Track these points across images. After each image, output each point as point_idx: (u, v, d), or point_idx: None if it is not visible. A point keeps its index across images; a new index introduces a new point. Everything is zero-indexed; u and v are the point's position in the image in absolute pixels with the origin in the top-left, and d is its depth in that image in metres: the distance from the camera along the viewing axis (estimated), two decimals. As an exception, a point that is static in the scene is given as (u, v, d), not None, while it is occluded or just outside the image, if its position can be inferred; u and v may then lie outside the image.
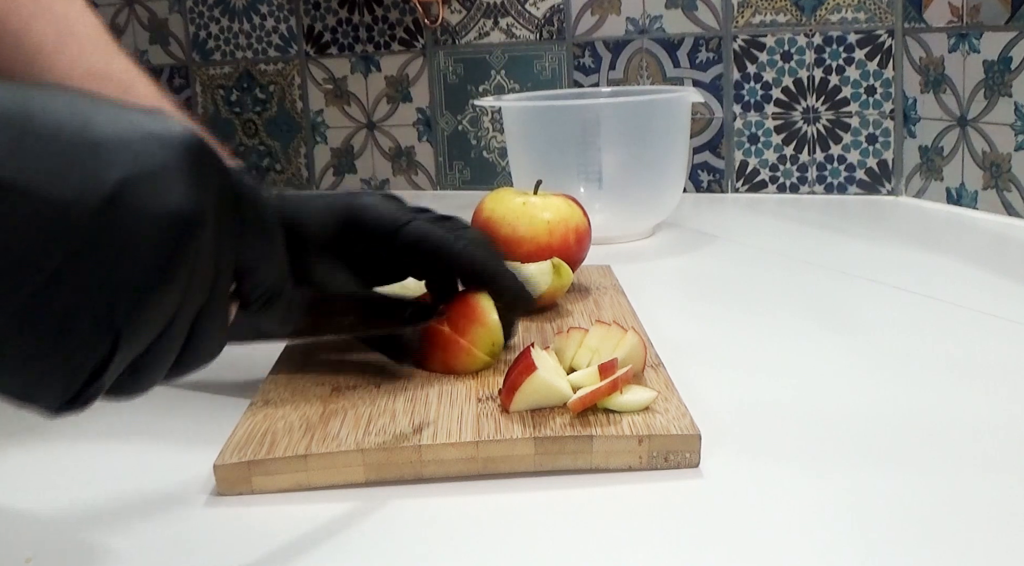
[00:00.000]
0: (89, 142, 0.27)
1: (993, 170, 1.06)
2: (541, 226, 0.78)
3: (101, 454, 0.56)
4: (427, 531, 0.45)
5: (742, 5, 1.23)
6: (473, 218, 0.82)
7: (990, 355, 0.65)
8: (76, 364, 0.29)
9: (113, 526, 0.47)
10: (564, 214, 0.79)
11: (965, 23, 1.08)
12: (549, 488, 0.49)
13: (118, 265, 0.28)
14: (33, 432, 0.59)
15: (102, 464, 0.54)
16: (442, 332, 0.60)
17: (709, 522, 0.45)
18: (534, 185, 0.83)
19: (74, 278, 0.27)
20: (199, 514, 0.48)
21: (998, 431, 0.53)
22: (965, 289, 0.80)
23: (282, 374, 0.61)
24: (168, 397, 0.64)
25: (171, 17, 1.53)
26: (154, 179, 0.28)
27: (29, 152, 0.26)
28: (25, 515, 0.49)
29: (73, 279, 0.27)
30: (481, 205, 0.82)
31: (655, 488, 0.48)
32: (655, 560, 0.42)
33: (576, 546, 0.43)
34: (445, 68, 1.39)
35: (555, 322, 0.70)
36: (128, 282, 0.29)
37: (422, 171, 1.44)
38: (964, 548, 0.42)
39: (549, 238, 0.78)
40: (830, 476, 0.49)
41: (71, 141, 0.27)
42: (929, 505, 0.45)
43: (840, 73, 1.21)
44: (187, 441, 0.56)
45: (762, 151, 1.26)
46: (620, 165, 1.01)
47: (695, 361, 0.65)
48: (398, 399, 0.56)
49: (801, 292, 0.82)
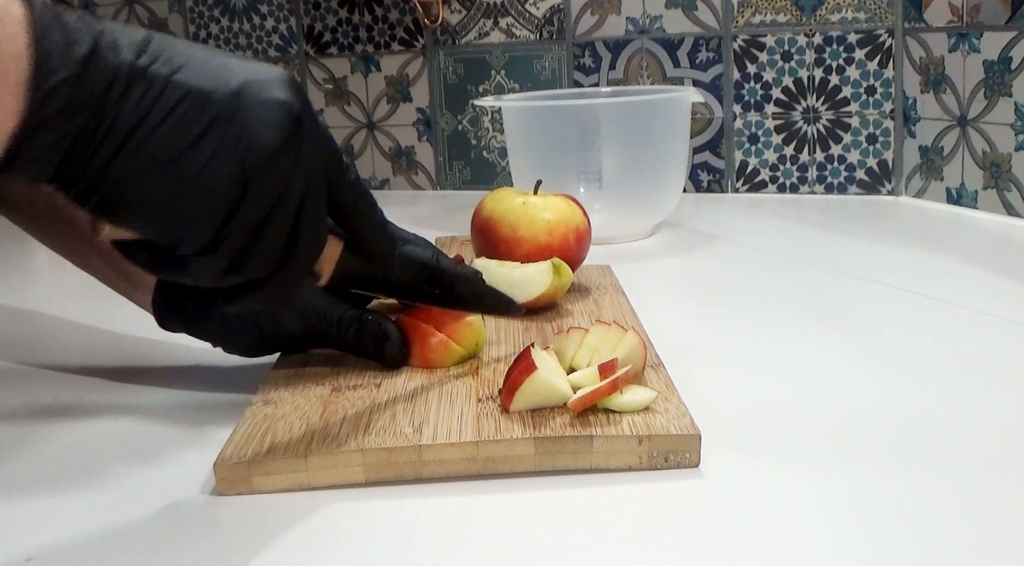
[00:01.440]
0: (223, 64, 0.41)
1: (993, 170, 1.06)
2: (541, 226, 0.78)
3: (101, 454, 0.56)
4: (427, 531, 0.45)
5: (742, 5, 1.23)
6: (473, 218, 0.82)
7: (990, 355, 0.65)
8: (215, 204, 0.40)
9: (113, 526, 0.47)
10: (564, 214, 0.79)
11: (965, 23, 1.07)
12: (549, 488, 0.49)
13: (243, 132, 0.40)
14: (33, 432, 0.59)
15: (102, 464, 0.54)
16: (419, 326, 0.60)
17: (709, 522, 0.45)
18: (534, 185, 0.83)
19: (214, 139, 0.39)
20: (199, 514, 0.48)
21: (998, 431, 0.53)
22: (965, 289, 0.80)
23: (282, 374, 0.61)
24: (168, 397, 0.64)
25: (171, 17, 1.53)
26: (265, 83, 0.41)
27: (189, 70, 0.40)
28: (25, 515, 0.49)
29: (213, 140, 0.39)
30: (481, 205, 0.82)
31: (655, 488, 0.48)
32: (655, 560, 0.42)
33: (576, 546, 0.43)
34: (445, 68, 1.39)
35: (555, 322, 0.70)
36: (251, 144, 0.40)
37: (422, 171, 1.44)
38: (964, 548, 0.42)
39: (549, 238, 0.78)
40: (830, 476, 0.49)
41: (212, 63, 0.40)
42: (929, 504, 0.45)
43: (840, 73, 1.21)
44: (187, 441, 0.56)
45: (762, 151, 1.26)
46: (620, 165, 1.01)
47: (695, 361, 0.65)
48: (398, 399, 0.56)
49: (801, 292, 0.82)
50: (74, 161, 0.39)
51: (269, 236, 0.42)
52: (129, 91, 0.38)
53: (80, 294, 0.88)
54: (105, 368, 0.71)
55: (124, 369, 0.70)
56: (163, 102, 0.39)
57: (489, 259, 0.75)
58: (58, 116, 0.37)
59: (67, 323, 0.84)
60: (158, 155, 0.39)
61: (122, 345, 0.76)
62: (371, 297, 0.64)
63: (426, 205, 1.33)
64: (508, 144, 1.08)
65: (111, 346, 0.76)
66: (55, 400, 0.65)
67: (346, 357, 0.63)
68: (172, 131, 0.39)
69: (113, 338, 0.78)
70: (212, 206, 0.40)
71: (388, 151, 1.45)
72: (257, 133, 0.40)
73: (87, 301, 0.86)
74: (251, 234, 0.42)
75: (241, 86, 0.40)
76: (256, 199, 0.41)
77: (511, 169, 1.09)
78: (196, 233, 0.41)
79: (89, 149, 0.38)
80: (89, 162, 0.39)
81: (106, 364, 0.72)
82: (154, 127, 0.39)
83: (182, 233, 0.41)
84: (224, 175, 0.40)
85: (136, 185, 0.39)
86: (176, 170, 0.39)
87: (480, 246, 0.81)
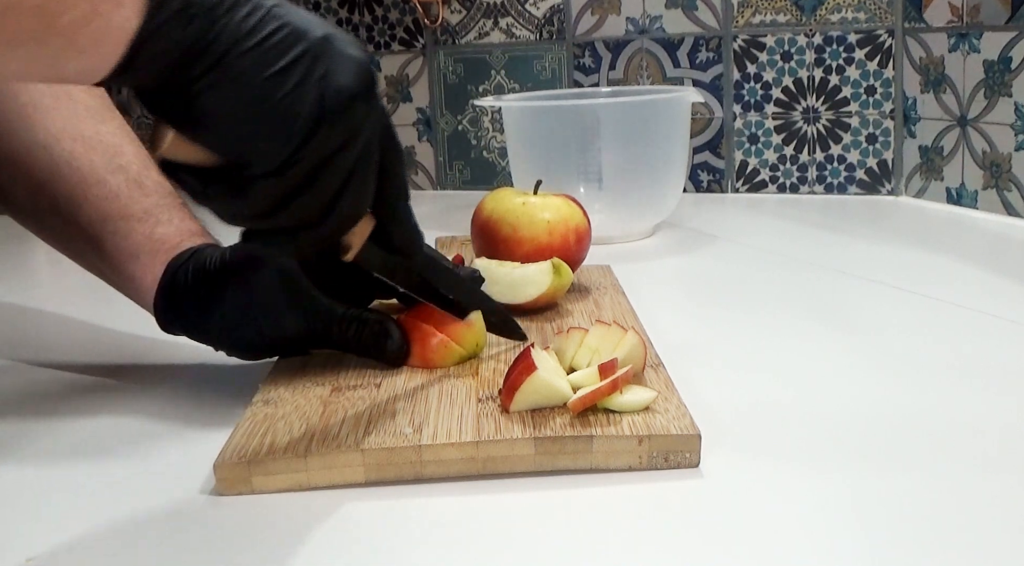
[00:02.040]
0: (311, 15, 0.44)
1: (993, 170, 1.06)
2: (541, 226, 0.78)
3: (101, 454, 0.56)
4: (428, 531, 0.45)
5: (742, 5, 1.23)
6: (473, 218, 0.82)
7: (990, 355, 0.65)
8: (293, 129, 0.42)
9: (113, 526, 0.47)
10: (564, 214, 0.79)
11: (965, 23, 1.08)
12: (549, 488, 0.49)
13: (328, 72, 0.43)
14: (33, 431, 0.59)
15: (102, 464, 0.54)
16: (420, 326, 0.61)
17: (709, 522, 0.45)
18: (534, 185, 0.83)
19: (300, 70, 0.42)
20: (199, 514, 0.48)
21: (998, 431, 0.53)
22: (965, 289, 0.80)
23: (282, 374, 0.61)
24: (168, 397, 0.64)
25: (171, 17, 1.53)
26: (348, 41, 0.44)
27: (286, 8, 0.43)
28: (25, 515, 0.49)
29: (300, 70, 0.42)
30: (481, 205, 0.82)
31: (655, 488, 0.48)
32: (655, 560, 0.42)
33: (576, 546, 0.43)
34: (445, 68, 1.39)
35: (555, 322, 0.70)
36: (333, 84, 0.43)
37: (422, 171, 1.44)
38: (964, 548, 0.42)
39: (549, 238, 0.78)
40: (830, 476, 0.49)
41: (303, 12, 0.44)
42: (929, 504, 0.45)
43: (840, 73, 1.21)
44: (187, 441, 0.56)
45: (762, 151, 1.26)
46: (620, 165, 1.01)
47: (695, 361, 0.65)
48: (398, 399, 0.56)
49: (801, 292, 0.82)
50: (177, 70, 0.41)
51: (327, 177, 0.45)
52: (235, 8, 0.41)
53: (81, 293, 0.89)
54: (105, 367, 0.71)
55: (124, 369, 0.70)
56: (262, 26, 0.42)
57: (489, 259, 0.75)
58: (174, 23, 0.40)
59: (67, 322, 0.84)
60: (250, 73, 0.42)
61: (122, 344, 0.76)
62: (370, 297, 0.65)
63: (426, 205, 1.33)
64: (508, 144, 1.08)
65: (111, 345, 0.76)
66: (55, 400, 0.65)
67: (345, 358, 0.63)
68: (266, 54, 0.42)
69: (113, 337, 0.78)
70: (290, 131, 0.43)
71: (388, 151, 1.45)
72: (340, 75, 0.43)
73: (87, 301, 0.86)
74: (317, 167, 0.44)
75: (328, 34, 0.44)
76: (327, 136, 0.43)
77: (511, 169, 1.09)
78: (270, 153, 0.43)
79: (192, 59, 0.41)
80: (188, 72, 0.41)
81: (106, 363, 0.72)
82: (251, 47, 0.41)
83: (257, 151, 0.43)
84: (305, 104, 0.42)
85: (225, 99, 0.42)
86: (264, 90, 0.42)
87: (480, 246, 0.81)
